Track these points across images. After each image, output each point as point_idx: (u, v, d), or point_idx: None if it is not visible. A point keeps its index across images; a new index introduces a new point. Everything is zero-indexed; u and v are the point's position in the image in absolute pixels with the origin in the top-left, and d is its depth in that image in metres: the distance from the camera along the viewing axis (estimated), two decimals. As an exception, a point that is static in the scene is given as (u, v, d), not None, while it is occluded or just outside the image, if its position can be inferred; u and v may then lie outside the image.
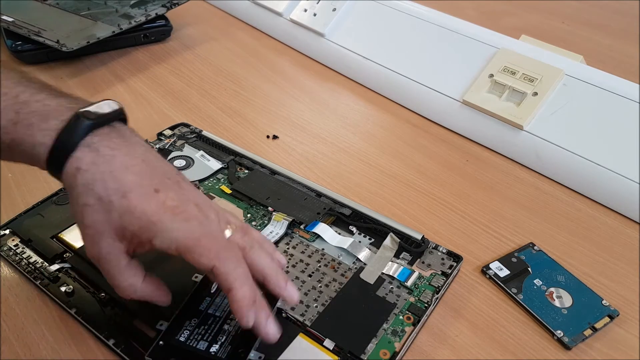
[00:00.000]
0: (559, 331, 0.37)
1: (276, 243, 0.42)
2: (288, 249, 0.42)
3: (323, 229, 0.43)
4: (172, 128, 0.56)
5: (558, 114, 0.53)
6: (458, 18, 0.64)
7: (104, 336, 0.35)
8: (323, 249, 0.42)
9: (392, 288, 0.39)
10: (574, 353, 0.37)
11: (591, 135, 0.51)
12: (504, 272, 0.42)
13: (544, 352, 0.37)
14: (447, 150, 0.57)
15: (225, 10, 0.85)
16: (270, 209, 0.45)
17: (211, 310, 0.35)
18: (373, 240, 0.43)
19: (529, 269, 0.42)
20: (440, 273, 0.41)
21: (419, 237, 0.42)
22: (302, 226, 0.44)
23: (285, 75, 0.69)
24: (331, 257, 0.42)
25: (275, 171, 0.50)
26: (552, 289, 0.40)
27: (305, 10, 0.73)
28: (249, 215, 0.45)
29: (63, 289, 0.38)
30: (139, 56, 0.71)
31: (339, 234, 0.43)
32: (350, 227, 0.44)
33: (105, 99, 0.33)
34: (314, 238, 0.43)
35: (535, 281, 0.41)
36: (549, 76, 0.54)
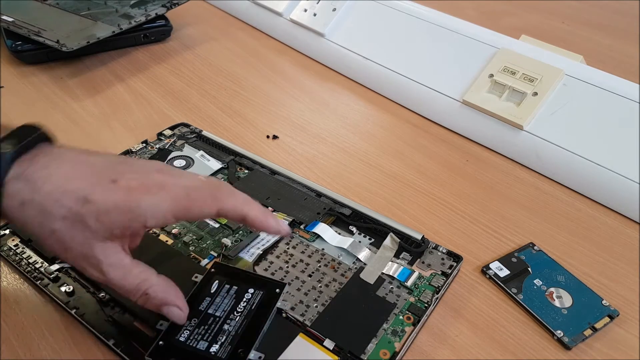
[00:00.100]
0: (559, 331, 0.37)
1: (276, 243, 0.42)
2: (288, 249, 0.42)
3: (323, 229, 0.43)
4: (172, 128, 0.56)
5: (558, 114, 0.53)
6: (458, 18, 0.64)
7: (103, 336, 0.35)
8: (323, 249, 0.42)
9: (392, 288, 0.39)
10: (574, 353, 0.37)
11: (591, 135, 0.51)
12: (504, 272, 0.42)
13: (544, 352, 0.37)
14: (447, 150, 0.57)
15: (225, 10, 0.85)
16: (270, 209, 0.45)
17: (211, 310, 0.35)
18: (373, 240, 0.43)
19: (529, 269, 0.42)
20: (440, 273, 0.41)
21: (419, 237, 0.42)
22: (302, 226, 0.44)
23: (285, 75, 0.69)
24: (331, 257, 0.42)
25: (275, 171, 0.50)
26: (552, 289, 0.40)
27: (305, 10, 0.73)
28: (249, 215, 0.45)
29: (63, 289, 0.38)
30: (139, 56, 0.71)
31: (339, 234, 0.43)
32: (350, 227, 0.44)
33: (25, 124, 0.31)
34: (314, 238, 0.43)
35: (535, 281, 0.41)
36: (549, 76, 0.54)
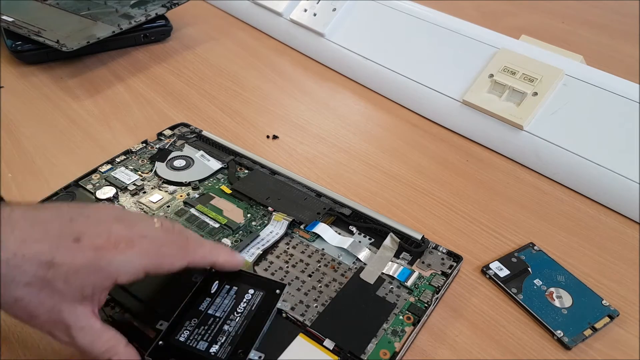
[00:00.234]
0: (559, 331, 0.37)
1: (276, 243, 0.42)
2: (288, 249, 0.42)
3: (323, 229, 0.43)
4: (172, 128, 0.56)
5: (558, 114, 0.53)
6: (458, 18, 0.64)
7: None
8: (323, 249, 0.42)
9: (392, 288, 0.39)
10: (574, 353, 0.37)
11: (591, 135, 0.51)
12: (504, 272, 0.42)
13: (544, 352, 0.37)
14: (447, 150, 0.57)
15: (225, 10, 0.85)
16: (270, 209, 0.45)
17: (211, 311, 0.35)
18: (373, 240, 0.43)
19: (529, 269, 0.42)
20: (440, 273, 0.41)
21: (419, 237, 0.42)
22: (302, 226, 0.44)
23: (285, 75, 0.69)
24: (331, 257, 0.41)
25: (275, 171, 0.50)
26: (552, 289, 0.40)
27: (305, 10, 0.73)
28: (249, 215, 0.45)
29: (63, 289, 0.38)
30: (139, 56, 0.71)
31: (339, 234, 0.43)
32: (350, 227, 0.44)
33: None
34: (314, 238, 0.43)
35: (535, 281, 0.41)
36: (549, 76, 0.54)
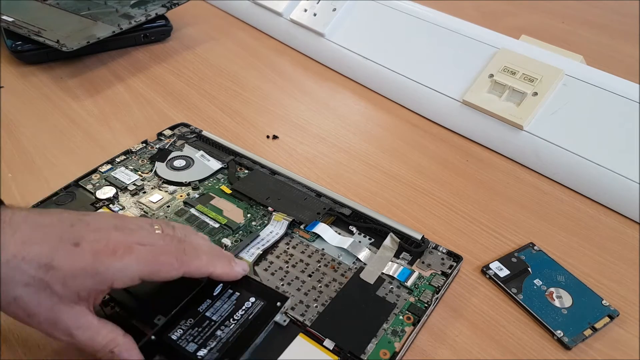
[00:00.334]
0: (559, 331, 0.37)
1: (276, 243, 0.42)
2: (288, 249, 0.42)
3: (323, 229, 0.43)
4: (172, 128, 0.56)
5: (558, 114, 0.53)
6: (458, 18, 0.64)
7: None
8: (323, 249, 0.42)
9: (392, 288, 0.39)
10: (574, 353, 0.37)
11: (591, 135, 0.51)
12: (504, 272, 0.42)
13: (544, 352, 0.37)
14: (447, 150, 0.57)
15: (225, 10, 0.85)
16: (270, 209, 0.45)
17: (209, 314, 0.35)
18: (373, 240, 0.43)
19: (529, 269, 0.42)
20: (440, 273, 0.41)
21: (419, 237, 0.42)
22: (302, 226, 0.44)
23: (285, 75, 0.69)
24: (331, 257, 0.41)
25: (275, 171, 0.50)
26: (552, 289, 0.40)
27: (305, 10, 0.73)
28: (249, 215, 0.45)
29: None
30: (139, 56, 0.71)
31: (339, 234, 0.43)
32: (350, 227, 0.44)
33: None
34: (314, 238, 0.43)
35: (535, 281, 0.41)
36: (549, 76, 0.54)
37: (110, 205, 0.45)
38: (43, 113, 0.58)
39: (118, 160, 0.50)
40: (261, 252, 0.41)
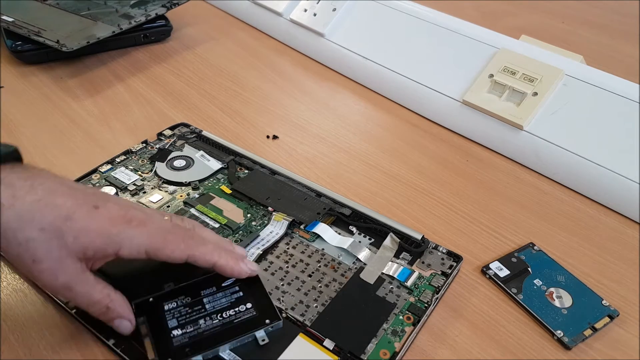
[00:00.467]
0: (559, 331, 0.37)
1: (276, 243, 0.42)
2: (288, 249, 0.42)
3: (323, 229, 0.43)
4: (172, 128, 0.56)
5: (558, 114, 0.53)
6: (458, 18, 0.64)
7: (103, 336, 0.35)
8: (323, 249, 0.42)
9: (392, 288, 0.39)
10: (574, 353, 0.37)
11: (591, 135, 0.51)
12: (504, 272, 0.42)
13: (544, 352, 0.37)
14: (447, 150, 0.57)
15: (225, 10, 0.85)
16: (270, 209, 0.45)
17: (206, 300, 0.35)
18: (373, 240, 0.43)
19: (529, 269, 0.42)
20: (440, 273, 0.41)
21: (419, 237, 0.42)
22: (302, 226, 0.44)
23: (285, 75, 0.69)
24: (331, 257, 0.42)
25: (275, 171, 0.50)
26: (552, 289, 0.40)
27: (305, 10, 0.73)
28: (249, 215, 0.45)
29: (63, 289, 0.38)
30: (139, 56, 0.71)
31: (339, 234, 0.43)
32: (350, 227, 0.44)
33: None
34: (314, 238, 0.43)
35: (535, 281, 0.41)
36: (549, 76, 0.54)
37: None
38: (43, 113, 0.58)
39: (118, 160, 0.50)
40: (261, 252, 0.41)
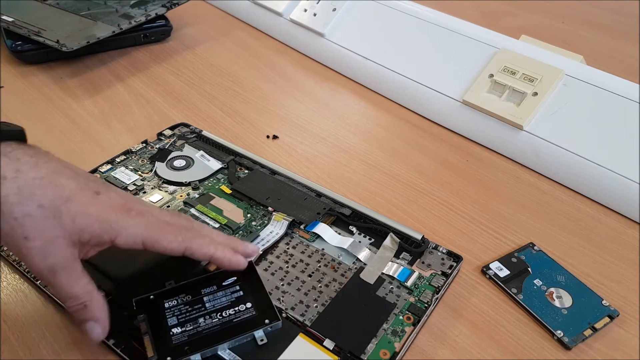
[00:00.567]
0: (559, 331, 0.37)
1: (276, 243, 0.42)
2: (288, 249, 0.42)
3: (323, 229, 0.43)
4: (172, 128, 0.56)
5: (558, 114, 0.53)
6: (458, 18, 0.64)
7: (104, 336, 0.35)
8: (323, 249, 0.42)
9: (392, 288, 0.39)
10: (574, 353, 0.37)
11: (591, 135, 0.51)
12: (504, 272, 0.42)
13: (544, 352, 0.37)
14: (447, 150, 0.57)
15: (225, 10, 0.85)
16: (270, 209, 0.45)
17: (206, 299, 0.35)
18: (373, 240, 0.43)
19: (529, 269, 0.42)
20: (440, 273, 0.41)
21: (419, 237, 0.42)
22: (302, 226, 0.44)
23: (285, 75, 0.69)
24: (331, 257, 0.42)
25: (275, 171, 0.50)
26: (552, 289, 0.40)
27: (305, 10, 0.73)
28: (249, 215, 0.45)
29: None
30: (139, 56, 0.71)
31: (339, 234, 0.43)
32: (350, 227, 0.44)
33: (5, 122, 0.32)
34: (314, 238, 0.43)
35: (535, 281, 0.41)
36: (549, 76, 0.54)
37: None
38: (43, 113, 0.58)
39: (118, 160, 0.50)
40: (261, 252, 0.41)
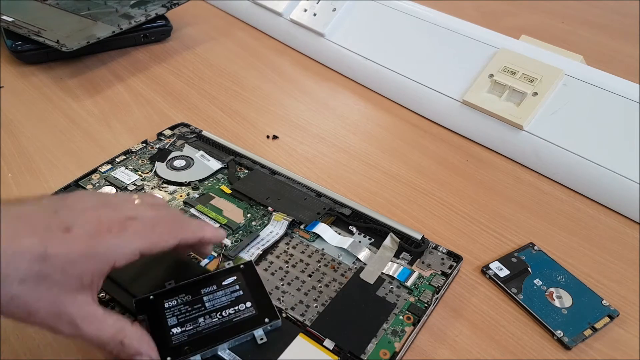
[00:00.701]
0: (559, 331, 0.37)
1: (276, 243, 0.42)
2: (288, 249, 0.42)
3: (323, 229, 0.43)
4: (172, 128, 0.56)
5: (558, 114, 0.53)
6: (458, 18, 0.64)
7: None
8: (323, 249, 0.42)
9: (392, 288, 0.39)
10: (574, 353, 0.37)
11: (591, 135, 0.51)
12: (504, 272, 0.42)
13: (544, 352, 0.37)
14: (447, 150, 0.57)
15: (225, 10, 0.85)
16: (270, 209, 0.45)
17: (206, 298, 0.35)
18: (373, 240, 0.43)
19: (529, 269, 0.42)
20: (440, 273, 0.40)
21: (419, 237, 0.42)
22: (302, 226, 0.44)
23: (285, 75, 0.69)
24: (331, 257, 0.41)
25: (275, 171, 0.50)
26: (552, 289, 0.40)
27: (305, 10, 0.73)
28: (249, 215, 0.45)
29: (63, 289, 0.38)
30: (139, 56, 0.71)
31: (339, 234, 0.43)
32: (350, 227, 0.44)
33: None
34: (314, 238, 0.43)
35: (535, 281, 0.41)
36: (549, 76, 0.54)
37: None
38: (43, 113, 0.58)
39: (118, 160, 0.50)
40: (261, 252, 0.41)
